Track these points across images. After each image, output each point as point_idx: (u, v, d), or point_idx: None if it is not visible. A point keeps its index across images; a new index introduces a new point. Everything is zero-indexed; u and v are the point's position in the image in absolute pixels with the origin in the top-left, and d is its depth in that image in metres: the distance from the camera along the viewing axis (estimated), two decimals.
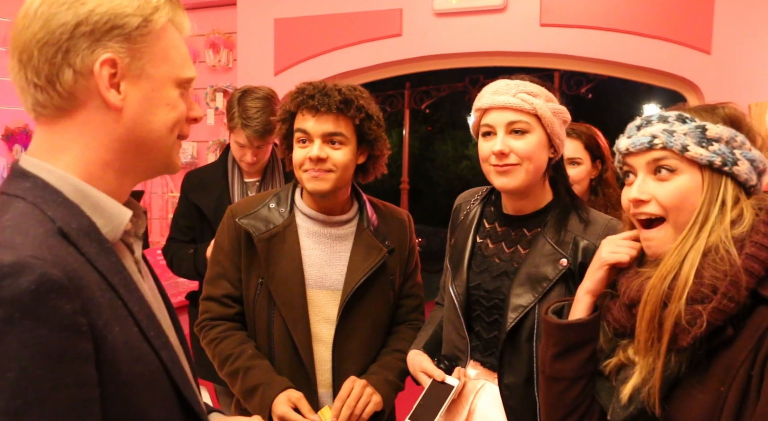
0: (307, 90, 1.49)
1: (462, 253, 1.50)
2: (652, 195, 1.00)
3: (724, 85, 2.85)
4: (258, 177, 2.29)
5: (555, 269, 1.34)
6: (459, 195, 1.67)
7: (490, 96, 1.37)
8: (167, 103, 0.83)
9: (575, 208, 1.42)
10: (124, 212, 0.81)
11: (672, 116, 1.00)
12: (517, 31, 3.24)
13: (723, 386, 0.89)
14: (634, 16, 3.02)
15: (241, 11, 3.79)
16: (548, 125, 1.35)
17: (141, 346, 0.76)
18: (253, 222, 1.58)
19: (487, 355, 1.44)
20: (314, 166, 1.49)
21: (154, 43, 0.81)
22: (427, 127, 13.67)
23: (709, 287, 0.91)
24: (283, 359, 1.57)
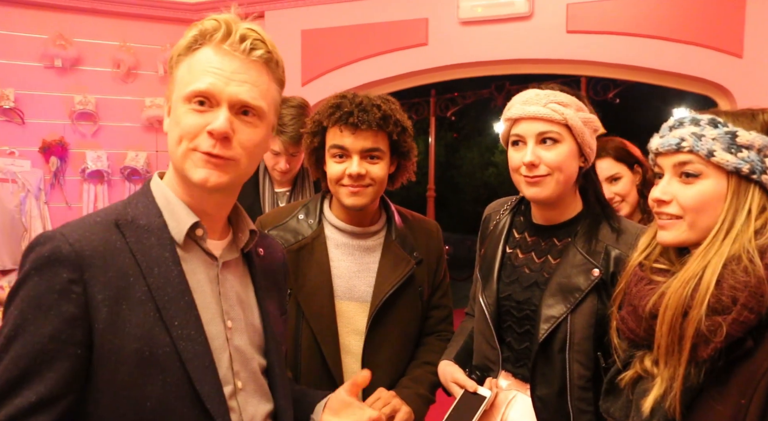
0: (345, 105, 1.49)
1: (492, 263, 1.49)
2: (674, 196, 1.00)
3: (757, 89, 2.79)
4: (288, 187, 2.32)
5: (587, 280, 1.33)
6: (488, 205, 1.66)
7: (520, 106, 1.37)
8: (175, 121, 0.95)
9: (606, 217, 1.41)
10: (189, 219, 0.95)
11: (705, 119, 0.99)
12: (544, 38, 3.22)
13: (744, 399, 0.88)
14: (662, 20, 2.99)
15: (269, 23, 3.85)
16: (579, 135, 1.35)
17: (151, 329, 0.87)
18: (281, 233, 1.60)
19: (518, 366, 1.43)
20: (353, 182, 1.49)
21: (175, 75, 0.97)
22: (452, 135, 13.63)
23: (730, 297, 0.90)
24: (311, 371, 1.57)
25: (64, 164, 3.76)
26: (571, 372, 1.33)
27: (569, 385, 1.33)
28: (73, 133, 3.80)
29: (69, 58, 3.72)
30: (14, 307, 0.84)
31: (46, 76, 3.72)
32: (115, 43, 3.84)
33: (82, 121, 3.80)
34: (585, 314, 1.32)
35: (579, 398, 1.33)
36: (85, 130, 3.81)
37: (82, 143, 3.82)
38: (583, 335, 1.32)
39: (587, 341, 1.32)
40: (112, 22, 3.84)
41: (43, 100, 3.72)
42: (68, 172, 3.79)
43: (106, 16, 3.83)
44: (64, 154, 3.75)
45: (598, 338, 1.32)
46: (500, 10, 3.23)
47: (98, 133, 3.84)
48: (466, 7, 3.30)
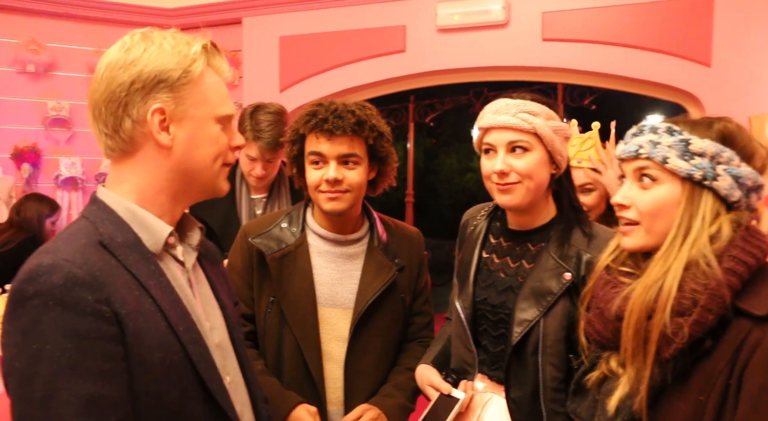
0: (320, 113, 1.50)
1: (468, 268, 1.51)
2: (632, 201, 1.04)
3: (725, 98, 2.87)
4: (265, 193, 2.31)
5: (559, 283, 1.35)
6: (466, 211, 1.68)
7: (491, 116, 1.40)
8: (208, 138, 0.99)
9: (579, 222, 1.43)
10: (165, 229, 0.98)
11: (662, 128, 1.03)
12: (520, 45, 3.27)
13: (702, 396, 0.91)
14: (634, 30, 3.06)
15: (247, 29, 3.85)
16: (549, 143, 1.37)
17: (167, 337, 0.91)
18: (265, 241, 1.60)
19: (494, 368, 1.45)
20: (331, 187, 1.51)
21: (194, 89, 0.97)
22: (431, 140, 13.70)
23: (690, 299, 0.93)
24: (293, 377, 1.58)
25: (37, 171, 3.72)
26: (543, 374, 1.35)
27: (542, 386, 1.35)
28: (46, 140, 3.75)
29: (42, 64, 3.68)
30: (42, 344, 0.81)
31: (18, 82, 3.68)
32: (90, 49, 3.80)
33: (55, 128, 3.76)
34: (557, 317, 1.34)
35: (552, 399, 1.35)
36: (58, 136, 3.77)
37: (55, 150, 3.77)
38: (556, 338, 1.34)
39: (559, 344, 1.34)
40: (86, 28, 3.81)
41: (16, 106, 3.68)
42: (41, 179, 3.74)
43: (81, 21, 3.80)
44: (37, 160, 3.70)
45: (570, 341, 1.34)
46: (477, 17, 3.28)
47: (72, 140, 3.80)
48: (444, 15, 3.33)
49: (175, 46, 0.96)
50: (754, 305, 0.91)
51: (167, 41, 0.96)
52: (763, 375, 0.87)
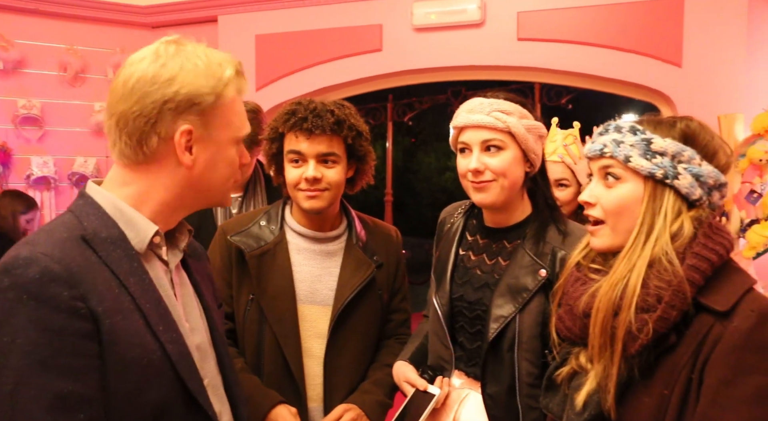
0: (299, 112, 1.51)
1: (445, 265, 1.52)
2: (598, 199, 1.06)
3: (695, 97, 2.93)
4: (240, 192, 2.30)
5: (534, 280, 1.37)
6: (444, 209, 1.70)
7: (465, 115, 1.41)
8: (227, 160, 1.01)
9: (554, 220, 1.45)
10: (151, 227, 0.97)
11: (626, 127, 1.05)
12: (495, 45, 3.30)
13: (667, 390, 0.93)
14: (608, 30, 3.10)
15: (223, 27, 3.82)
16: (522, 142, 1.39)
17: (145, 336, 0.90)
18: (244, 239, 1.60)
19: (470, 365, 1.46)
20: (310, 186, 1.52)
21: (221, 113, 0.98)
22: (410, 139, 13.72)
23: (655, 296, 0.95)
24: (273, 374, 1.59)
25: (7, 170, 3.64)
26: (519, 370, 1.37)
27: (518, 382, 1.37)
28: (16, 139, 3.68)
29: (11, 61, 3.61)
30: (13, 336, 0.80)
31: None
32: (61, 46, 3.73)
33: (26, 126, 3.68)
34: (533, 313, 1.36)
35: (528, 394, 1.36)
36: (29, 135, 3.70)
37: (26, 149, 3.70)
38: (531, 334, 1.36)
39: (535, 340, 1.36)
40: (57, 24, 3.74)
41: None
42: (12, 179, 3.67)
43: (52, 17, 3.73)
44: (7, 159, 3.63)
45: (545, 337, 1.35)
46: (453, 17, 3.29)
47: (44, 139, 3.73)
48: (420, 14, 3.34)
49: (209, 65, 0.96)
50: (717, 300, 0.93)
51: (201, 59, 0.96)
52: (723, 369, 0.89)
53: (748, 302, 0.92)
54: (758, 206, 2.59)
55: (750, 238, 2.54)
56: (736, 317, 0.91)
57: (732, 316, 0.91)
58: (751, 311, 0.90)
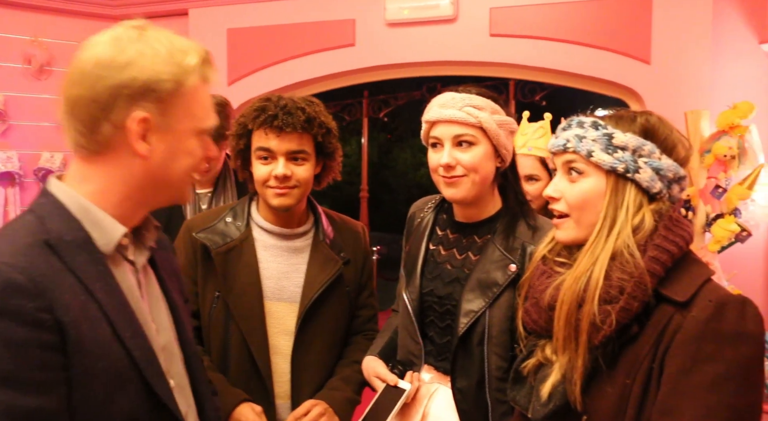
0: (269, 108, 1.50)
1: (415, 260, 1.52)
2: (562, 194, 1.07)
3: (663, 94, 2.97)
4: (210, 188, 2.27)
5: (504, 275, 1.38)
6: (413, 203, 1.70)
7: (437, 109, 1.41)
8: (187, 151, 0.96)
9: (524, 215, 1.46)
10: (118, 229, 0.93)
11: (588, 122, 1.06)
12: (468, 41, 3.31)
13: (629, 379, 0.95)
14: (578, 27, 3.13)
15: (193, 21, 3.76)
16: (494, 137, 1.39)
17: (112, 344, 0.87)
18: (209, 236, 1.59)
19: (440, 359, 1.47)
20: (279, 183, 1.51)
21: (182, 102, 0.93)
22: (385, 136, 13.72)
23: (617, 288, 0.96)
24: (240, 372, 1.57)
25: None
26: (489, 364, 1.37)
27: (487, 376, 1.38)
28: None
29: None
30: None
31: None
32: (25, 38, 3.64)
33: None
34: (502, 307, 1.37)
35: (497, 388, 1.37)
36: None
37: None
38: (501, 328, 1.37)
39: (504, 334, 1.37)
40: (22, 15, 3.65)
41: None
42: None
43: (16, 8, 3.63)
44: None
45: (514, 331, 1.36)
46: (426, 12, 3.29)
47: (8, 133, 3.64)
48: (393, 9, 3.33)
49: (172, 52, 0.91)
50: (677, 291, 0.95)
51: (163, 44, 0.91)
52: (682, 358, 0.91)
53: (706, 292, 0.94)
54: (723, 201, 2.64)
55: (715, 232, 2.60)
56: (694, 307, 0.93)
57: (691, 306, 0.93)
58: (708, 301, 0.92)
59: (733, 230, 2.56)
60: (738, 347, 0.89)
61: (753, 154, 2.63)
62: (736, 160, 2.60)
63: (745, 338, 0.90)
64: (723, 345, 0.89)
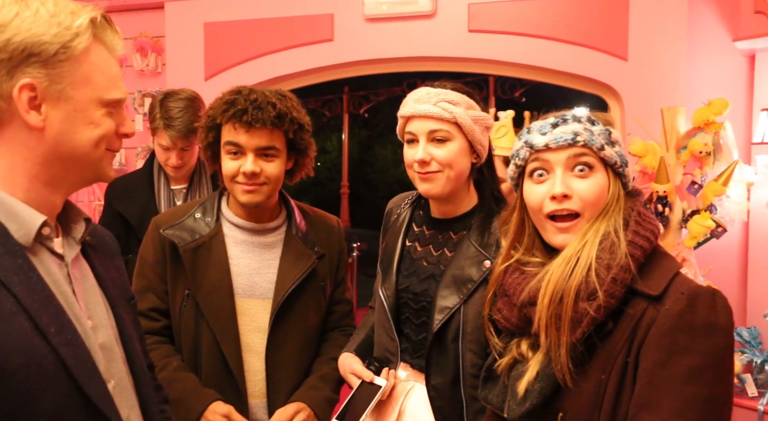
0: (239, 102, 1.45)
1: (392, 256, 1.51)
2: (573, 191, 1.03)
3: (640, 91, 2.99)
4: (185, 183, 2.24)
5: (479, 271, 1.37)
6: (390, 199, 1.69)
7: (412, 104, 1.40)
8: (90, 122, 0.89)
9: (499, 211, 1.45)
10: (36, 218, 0.87)
11: (584, 118, 1.06)
12: (447, 36, 3.30)
13: (604, 374, 0.95)
14: (556, 23, 3.13)
15: (170, 15, 3.70)
16: (469, 133, 1.38)
17: (32, 340, 0.81)
18: (178, 233, 1.55)
19: (416, 357, 1.46)
20: (248, 180, 1.47)
21: (74, 67, 0.86)
22: (366, 132, 13.69)
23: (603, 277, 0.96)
24: (212, 371, 1.54)
25: None
26: (463, 361, 1.37)
27: (462, 373, 1.37)
28: None
29: None
30: None
31: None
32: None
33: None
34: (477, 304, 1.36)
35: (472, 386, 1.37)
36: None
37: None
38: (475, 325, 1.36)
39: (479, 331, 1.36)
40: None
41: None
42: None
43: None
44: None
45: None
46: (404, 7, 3.27)
47: None
48: (371, 4, 3.31)
49: (55, 14, 0.85)
50: (649, 285, 0.95)
51: (46, 7, 0.84)
52: (657, 351, 0.91)
53: (677, 284, 0.95)
54: (699, 197, 2.67)
55: (691, 228, 2.62)
56: (667, 300, 0.93)
57: (663, 299, 0.93)
58: (681, 294, 0.93)
59: (709, 225, 2.59)
60: (711, 338, 0.90)
61: (728, 150, 2.66)
62: (711, 157, 2.63)
63: (717, 328, 0.91)
64: (697, 337, 0.90)
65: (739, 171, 2.65)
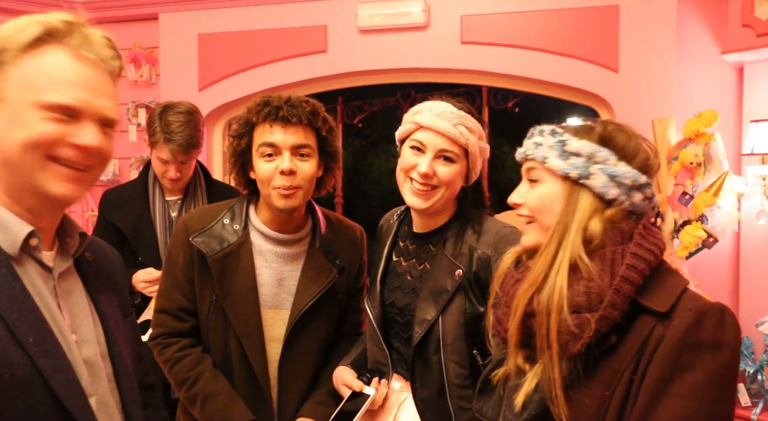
0: (273, 101, 1.47)
1: (376, 271, 1.53)
2: (524, 199, 1.09)
3: (631, 102, 3.02)
4: (180, 195, 2.23)
5: (452, 281, 1.38)
6: (383, 216, 1.69)
7: (432, 116, 1.39)
8: (20, 123, 0.85)
9: (470, 220, 1.46)
10: (23, 229, 0.87)
11: (547, 130, 1.08)
12: (440, 48, 3.32)
13: (608, 391, 0.94)
14: (548, 35, 3.16)
15: (164, 26, 3.71)
16: (472, 160, 1.42)
17: (9, 349, 0.80)
18: (206, 240, 1.54)
19: (407, 369, 1.46)
20: (285, 181, 1.46)
21: (14, 70, 0.86)
22: (360, 142, 13.71)
23: (586, 295, 0.95)
24: (241, 378, 1.56)
25: None
26: (447, 372, 1.37)
27: (447, 385, 1.38)
28: None
29: None
30: None
31: None
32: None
33: None
34: (454, 314, 1.37)
35: (458, 396, 1.37)
36: None
37: None
38: (455, 335, 1.37)
39: (459, 341, 1.37)
40: None
41: None
42: None
43: None
44: None
45: (471, 337, 1.37)
46: (397, 19, 3.30)
47: None
48: (365, 16, 3.33)
49: (17, 22, 0.87)
50: (656, 302, 0.94)
51: (15, 21, 0.87)
52: (662, 367, 0.90)
53: (685, 301, 0.94)
54: (690, 208, 2.69)
55: (683, 238, 2.64)
56: (675, 317, 0.92)
57: (672, 316, 0.92)
58: (688, 310, 0.92)
59: (700, 236, 2.61)
60: (717, 356, 0.89)
61: (718, 161, 2.68)
62: (702, 168, 2.66)
63: (723, 346, 0.90)
64: (702, 353, 0.89)
65: (729, 182, 2.67)
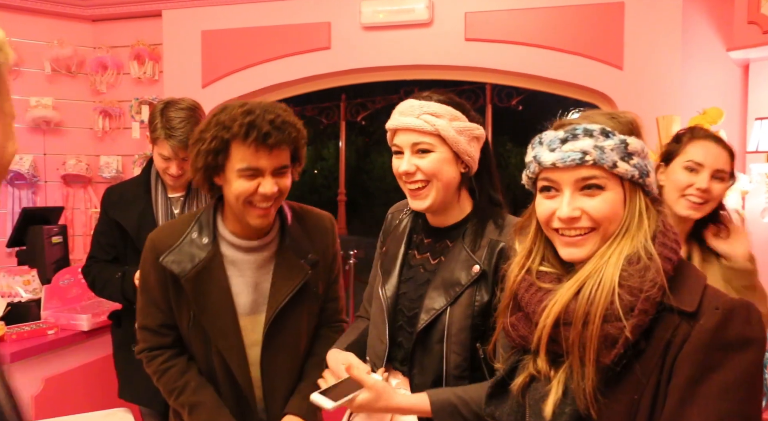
0: (257, 121, 1.40)
1: (394, 260, 1.52)
2: (582, 210, 0.99)
3: (636, 99, 3.01)
4: (182, 192, 2.23)
5: (468, 275, 1.38)
6: (392, 206, 1.70)
7: (397, 117, 1.41)
8: None
9: (492, 216, 1.46)
10: None
11: (596, 130, 0.98)
12: (443, 45, 3.32)
13: (636, 395, 0.91)
14: (553, 32, 3.16)
15: (167, 23, 3.71)
16: (453, 144, 1.38)
17: None
18: (177, 259, 1.53)
19: (406, 364, 1.46)
20: (267, 204, 1.47)
21: None
22: (363, 139, 13.71)
23: (629, 301, 0.91)
24: (225, 384, 1.58)
25: None
26: (447, 362, 1.37)
27: (445, 374, 1.38)
28: None
29: None
30: None
31: None
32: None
33: None
34: (463, 305, 1.37)
35: (454, 386, 1.37)
36: None
37: None
38: (461, 326, 1.37)
39: (464, 332, 1.37)
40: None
41: None
42: None
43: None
44: None
45: (475, 328, 1.37)
46: (401, 16, 3.29)
47: None
48: (368, 13, 3.33)
49: None
50: (683, 301, 0.91)
51: None
52: (690, 367, 0.88)
53: (710, 299, 0.91)
54: None
55: None
56: (702, 316, 0.89)
57: (698, 315, 0.90)
58: (715, 309, 0.89)
59: None
60: (745, 353, 0.87)
61: None
62: None
63: (751, 342, 0.88)
64: (730, 353, 0.87)
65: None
